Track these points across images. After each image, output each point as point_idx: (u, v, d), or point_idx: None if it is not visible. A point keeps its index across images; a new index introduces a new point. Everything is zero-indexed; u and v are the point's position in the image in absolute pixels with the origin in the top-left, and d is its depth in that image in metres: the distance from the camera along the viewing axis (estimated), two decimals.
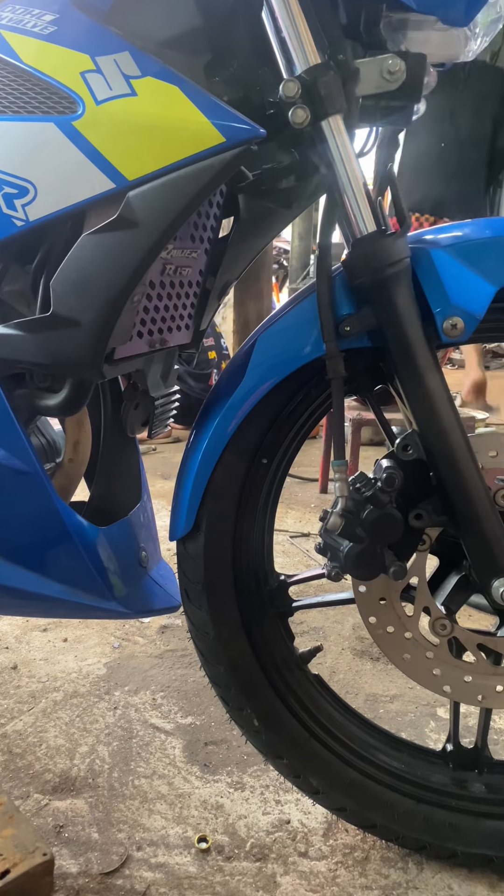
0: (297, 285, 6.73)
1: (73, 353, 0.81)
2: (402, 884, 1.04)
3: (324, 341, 0.84)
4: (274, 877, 1.05)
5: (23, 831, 0.98)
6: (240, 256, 1.08)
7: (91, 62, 0.75)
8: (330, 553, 0.88)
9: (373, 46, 0.80)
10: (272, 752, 1.05)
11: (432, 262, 0.82)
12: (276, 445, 0.95)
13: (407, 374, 0.84)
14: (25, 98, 0.77)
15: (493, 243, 0.82)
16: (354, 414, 2.61)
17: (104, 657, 1.63)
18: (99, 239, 0.76)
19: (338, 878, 1.05)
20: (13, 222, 0.78)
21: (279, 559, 2.20)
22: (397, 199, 0.84)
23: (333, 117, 0.77)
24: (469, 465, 0.85)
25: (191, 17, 0.79)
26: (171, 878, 1.04)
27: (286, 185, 0.98)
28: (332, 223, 0.87)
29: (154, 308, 0.93)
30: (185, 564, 0.99)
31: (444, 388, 0.85)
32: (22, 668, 1.58)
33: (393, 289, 0.81)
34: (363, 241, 0.81)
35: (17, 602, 0.98)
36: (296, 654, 1.06)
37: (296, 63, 0.77)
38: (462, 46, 0.84)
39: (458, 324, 0.81)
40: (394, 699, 1.48)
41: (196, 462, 0.93)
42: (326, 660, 1.63)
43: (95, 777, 1.24)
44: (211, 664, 1.03)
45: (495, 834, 1.02)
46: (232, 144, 0.73)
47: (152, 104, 0.73)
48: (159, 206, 0.74)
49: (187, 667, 1.59)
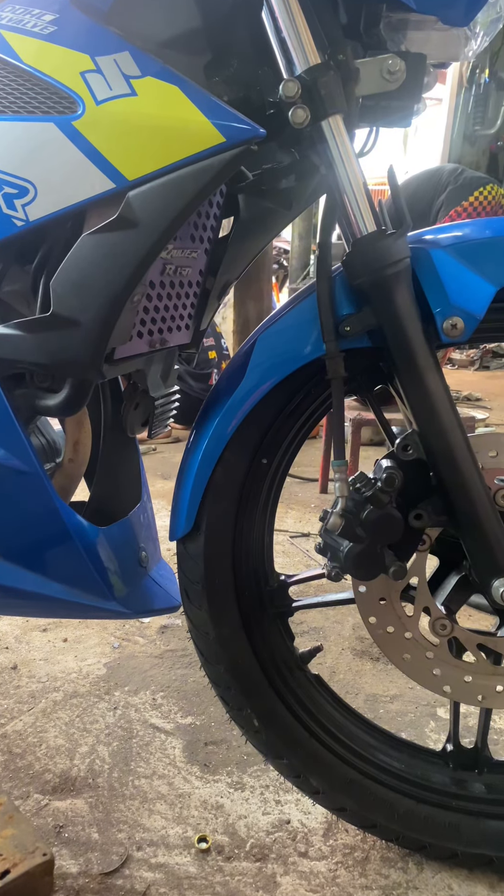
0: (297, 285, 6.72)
1: (73, 353, 0.81)
2: (402, 884, 1.04)
3: (324, 341, 0.84)
4: (274, 877, 1.05)
5: (23, 831, 0.98)
6: (240, 256, 1.08)
7: (91, 62, 0.74)
8: (330, 553, 0.88)
9: (373, 47, 0.80)
10: (272, 752, 1.05)
11: (432, 262, 0.82)
12: (275, 445, 0.95)
13: (407, 374, 0.84)
14: (25, 98, 0.77)
15: (493, 243, 0.82)
16: (354, 414, 2.61)
17: (104, 657, 1.63)
18: (99, 239, 0.76)
19: (338, 878, 1.05)
20: (13, 222, 0.78)
21: (279, 559, 2.20)
22: (397, 197, 0.84)
23: (333, 117, 0.77)
24: (469, 465, 0.85)
25: (191, 17, 0.79)
26: (171, 879, 1.04)
27: (286, 185, 0.98)
28: (332, 223, 0.87)
29: (154, 308, 0.93)
30: (185, 564, 0.99)
31: (445, 388, 0.85)
32: (22, 668, 1.58)
33: (393, 289, 0.81)
34: (363, 240, 0.81)
35: (16, 602, 0.98)
36: (296, 654, 1.05)
37: (296, 63, 0.77)
38: (462, 46, 0.84)
39: (458, 324, 0.81)
40: (394, 699, 1.48)
41: (196, 462, 0.93)
42: (326, 660, 1.63)
43: (95, 777, 1.24)
44: (211, 664, 1.03)
45: (495, 834, 1.02)
46: (232, 144, 0.72)
47: (152, 104, 0.73)
48: (159, 206, 0.74)
49: (187, 667, 1.59)
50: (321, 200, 0.95)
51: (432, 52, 0.84)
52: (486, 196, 3.45)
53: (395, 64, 0.77)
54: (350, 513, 0.85)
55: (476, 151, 7.11)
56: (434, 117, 7.10)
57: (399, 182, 0.87)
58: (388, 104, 0.81)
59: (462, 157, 7.06)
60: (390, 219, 0.83)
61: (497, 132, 7.00)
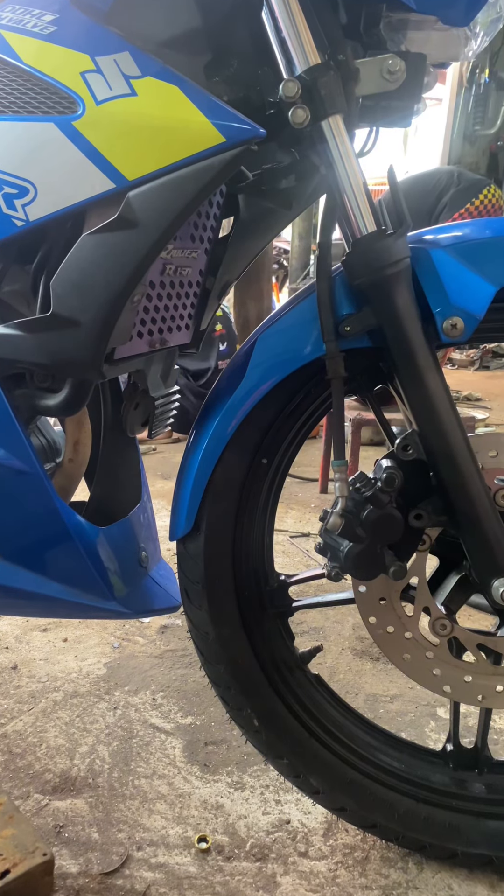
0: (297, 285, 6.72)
1: (73, 353, 0.81)
2: (402, 884, 1.04)
3: (324, 341, 0.84)
4: (274, 877, 1.05)
5: (23, 831, 0.98)
6: (240, 256, 1.08)
7: (91, 62, 0.74)
8: (330, 553, 0.88)
9: (373, 47, 0.80)
10: (272, 752, 1.05)
11: (432, 262, 0.82)
12: (276, 445, 0.95)
13: (407, 375, 0.84)
14: (25, 98, 0.77)
15: (493, 243, 0.82)
16: (354, 414, 2.61)
17: (104, 657, 1.63)
18: (99, 239, 0.76)
19: (338, 878, 1.05)
20: (13, 222, 0.78)
21: (279, 559, 2.20)
22: (397, 198, 0.84)
23: (333, 117, 0.77)
24: (469, 466, 0.85)
25: (191, 17, 0.78)
26: (171, 878, 1.04)
27: (286, 185, 0.98)
28: (332, 223, 0.87)
29: (154, 308, 0.93)
30: (185, 564, 0.99)
31: (445, 389, 0.85)
32: (22, 668, 1.58)
33: (393, 289, 0.81)
34: (363, 241, 0.81)
35: (16, 602, 0.98)
36: (296, 654, 1.05)
37: (296, 63, 0.76)
38: (462, 46, 0.84)
39: (458, 324, 0.81)
40: (394, 699, 1.48)
41: (196, 462, 0.93)
42: (326, 660, 1.63)
43: (95, 777, 1.24)
44: (211, 664, 1.03)
45: (496, 834, 1.02)
46: (232, 144, 0.72)
47: (152, 104, 0.73)
48: (159, 207, 0.74)
49: (187, 667, 1.59)
50: (321, 200, 0.95)
51: (432, 51, 0.84)
52: (490, 199, 3.47)
53: (395, 64, 0.76)
54: (350, 513, 0.85)
55: (476, 151, 7.11)
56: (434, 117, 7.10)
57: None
58: (389, 104, 0.81)
59: (462, 157, 7.06)
60: (390, 219, 0.83)
61: (497, 132, 7.00)
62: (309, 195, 1.04)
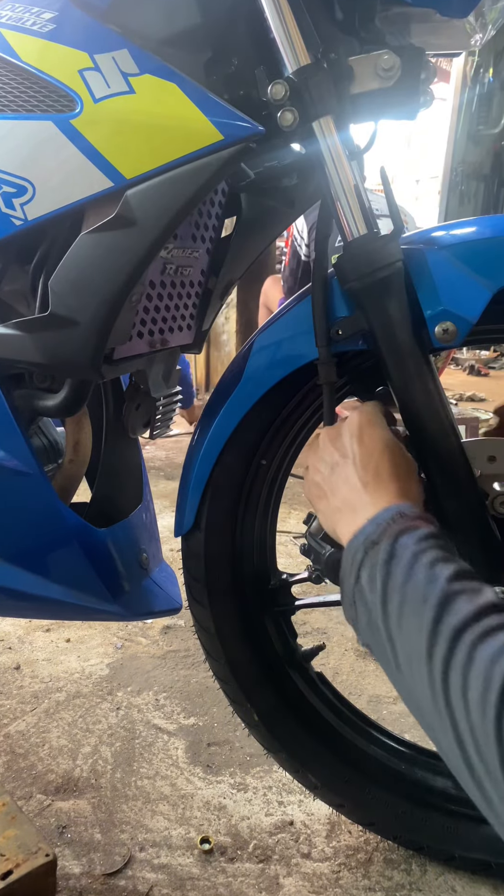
0: None
1: (72, 353, 0.80)
2: (406, 885, 1.03)
3: (316, 346, 0.82)
4: (277, 878, 1.04)
5: (25, 832, 0.98)
6: (242, 256, 1.08)
7: (89, 60, 0.74)
8: (312, 556, 0.86)
9: (371, 41, 0.78)
10: (273, 747, 1.05)
11: (426, 264, 0.78)
12: (274, 447, 0.95)
13: (398, 379, 0.81)
14: (24, 97, 0.77)
15: (490, 245, 0.79)
16: None
17: (107, 658, 1.63)
18: (97, 238, 0.75)
19: (341, 879, 1.04)
20: (12, 221, 0.78)
21: (281, 559, 2.19)
22: (391, 199, 0.82)
23: (324, 118, 0.75)
24: (462, 472, 0.81)
25: (190, 15, 0.77)
26: (173, 879, 1.03)
27: (288, 184, 0.98)
28: (328, 225, 0.85)
29: (154, 308, 0.93)
30: (188, 561, 1.00)
31: (438, 393, 0.81)
32: (25, 668, 1.57)
33: (383, 292, 0.78)
34: (354, 243, 0.78)
35: (17, 604, 0.98)
36: (298, 651, 1.05)
37: (286, 64, 0.74)
38: (466, 37, 0.82)
39: (451, 328, 0.77)
40: (397, 700, 1.47)
41: (196, 462, 0.93)
42: (329, 661, 1.63)
43: (98, 778, 1.24)
44: (213, 659, 1.03)
45: (495, 838, 1.01)
46: (231, 142, 0.71)
47: (150, 102, 0.72)
48: (158, 205, 0.73)
49: (190, 668, 1.59)
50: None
51: (437, 43, 0.82)
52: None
53: (390, 60, 0.73)
54: None
55: (480, 151, 7.07)
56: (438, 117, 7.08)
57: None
58: (387, 100, 0.79)
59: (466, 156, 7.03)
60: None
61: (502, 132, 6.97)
62: (311, 193, 1.03)
